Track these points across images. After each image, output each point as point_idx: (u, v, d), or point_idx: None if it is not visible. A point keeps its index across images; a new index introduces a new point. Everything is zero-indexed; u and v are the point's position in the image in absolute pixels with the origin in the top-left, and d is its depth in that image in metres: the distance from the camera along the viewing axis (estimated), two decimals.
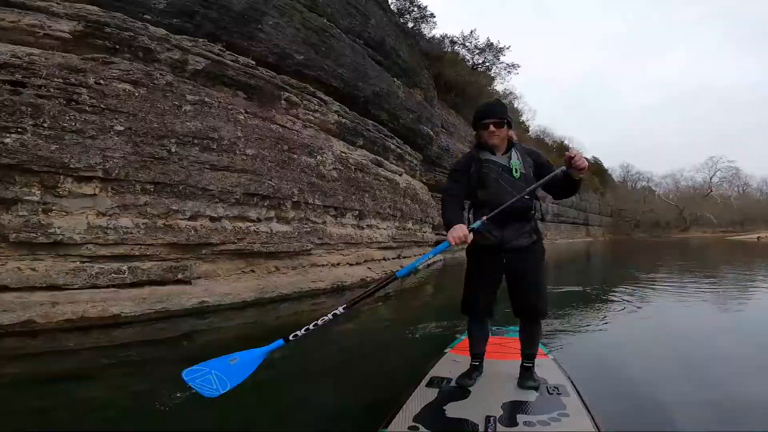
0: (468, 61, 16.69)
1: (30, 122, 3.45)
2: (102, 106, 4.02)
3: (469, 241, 1.86)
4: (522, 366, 2.19)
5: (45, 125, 3.53)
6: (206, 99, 5.27)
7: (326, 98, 7.75)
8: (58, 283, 3.47)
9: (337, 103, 8.02)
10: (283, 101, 6.85)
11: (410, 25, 13.71)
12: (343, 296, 6.05)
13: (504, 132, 2.05)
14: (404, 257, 9.36)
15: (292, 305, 5.29)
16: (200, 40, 5.76)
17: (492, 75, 18.92)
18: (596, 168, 46.77)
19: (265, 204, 5.47)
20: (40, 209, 3.44)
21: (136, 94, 4.48)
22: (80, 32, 4.57)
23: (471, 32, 20.16)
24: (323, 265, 6.20)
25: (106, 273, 3.76)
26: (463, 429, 1.72)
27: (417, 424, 1.75)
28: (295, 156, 6.11)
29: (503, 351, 2.53)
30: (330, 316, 1.73)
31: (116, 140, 3.95)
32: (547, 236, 30.65)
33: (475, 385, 2.11)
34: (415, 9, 13.82)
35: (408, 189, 10.81)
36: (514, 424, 1.74)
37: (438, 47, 14.04)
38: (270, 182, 5.49)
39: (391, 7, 13.03)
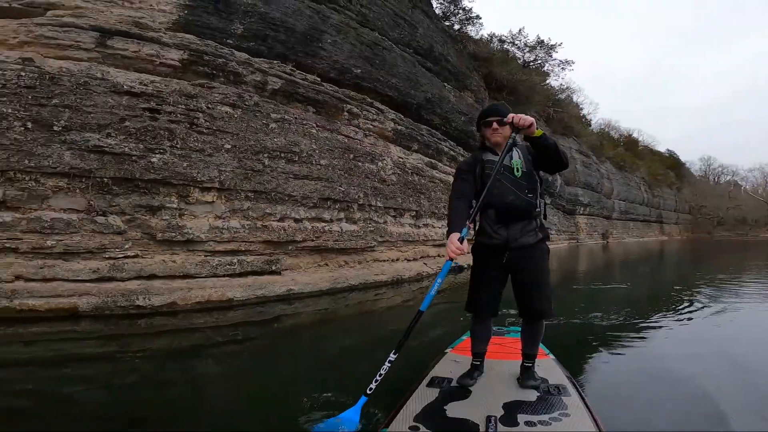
0: (519, 59, 16.85)
1: (167, 144, 4.61)
2: (214, 128, 5.15)
3: (466, 251, 1.97)
4: (523, 366, 2.22)
5: (177, 146, 4.69)
6: (286, 116, 6.31)
7: (383, 107, 8.58)
8: (190, 273, 4.59)
9: (393, 111, 8.82)
10: (345, 113, 7.77)
11: (456, 27, 14.25)
12: (401, 287, 6.83)
13: (507, 131, 2.10)
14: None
15: (358, 294, 6.13)
16: (275, 61, 6.78)
17: (546, 71, 18.80)
18: (671, 161, 43.52)
19: (337, 207, 6.41)
20: (177, 214, 4.58)
21: (235, 116, 5.59)
22: (186, 60, 5.63)
23: (519, 30, 20.29)
24: (384, 261, 7.03)
25: (223, 264, 4.85)
26: (463, 429, 1.73)
27: (417, 424, 1.76)
28: (359, 163, 7.01)
29: (504, 351, 2.57)
30: (387, 364, 1.90)
31: (226, 156, 5.05)
32: (613, 234, 29.31)
33: (476, 385, 2.13)
34: (460, 11, 14.34)
35: None
36: (515, 423, 1.76)
37: (486, 48, 14.44)
38: (340, 188, 6.42)
39: (436, 11, 13.68)
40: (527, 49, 17.30)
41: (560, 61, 19.65)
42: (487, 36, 17.11)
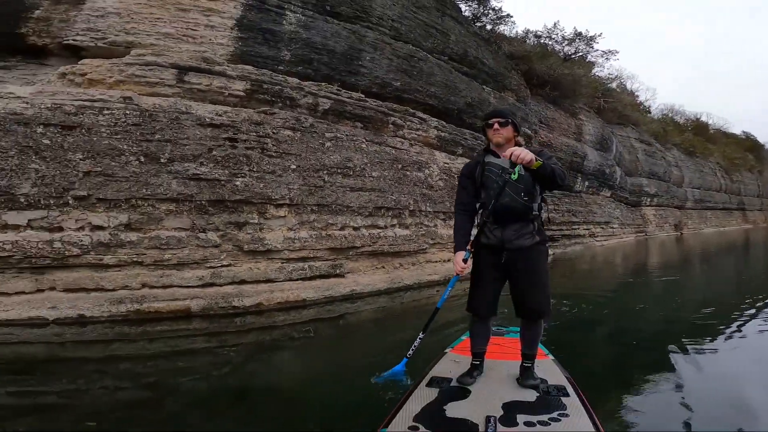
0: (558, 53, 16.88)
1: (246, 169, 5.60)
2: (280, 150, 6.11)
3: (468, 269, 2.28)
4: (522, 366, 2.30)
5: (254, 170, 5.67)
6: (338, 134, 7.19)
7: (425, 116, 9.25)
8: (271, 278, 5.50)
9: (435, 119, 9.46)
10: (390, 125, 8.54)
11: (488, 27, 14.67)
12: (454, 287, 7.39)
13: (508, 132, 2.26)
14: None
15: (413, 293, 6.79)
16: (322, 83, 7.65)
17: (591, 61, 18.57)
18: (749, 144, 40.13)
19: (390, 214, 7.15)
20: (258, 228, 5.54)
21: (296, 138, 6.54)
22: (249, 89, 6.60)
23: (555, 24, 20.13)
24: (436, 261, 7.65)
25: (296, 270, 5.74)
26: (463, 429, 1.78)
27: (417, 424, 1.81)
28: (407, 173, 7.73)
29: (503, 351, 2.66)
30: (418, 340, 2.46)
31: (293, 176, 5.99)
32: (688, 225, 27.60)
33: (476, 385, 2.20)
34: (490, 12, 14.75)
35: None
36: (514, 423, 1.81)
37: (521, 46, 14.71)
38: (392, 197, 7.17)
39: (467, 13, 14.18)
40: (565, 42, 17.28)
41: (603, 51, 19.28)
42: (521, 32, 17.37)
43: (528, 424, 1.81)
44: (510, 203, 2.21)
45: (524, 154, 2.05)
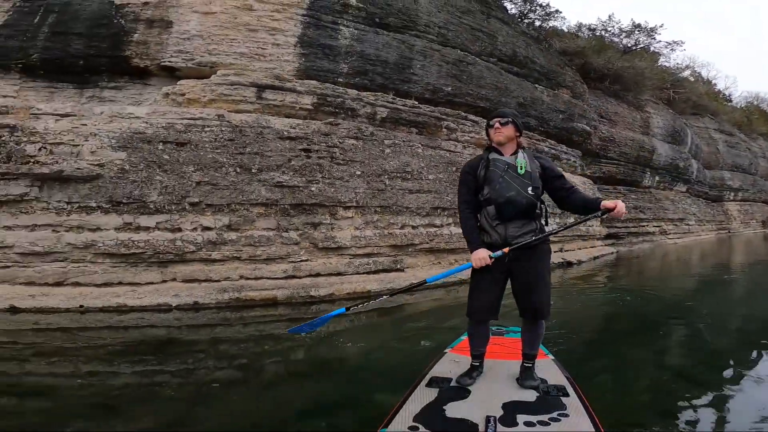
0: (617, 45, 16.67)
1: (319, 176, 6.65)
2: (346, 158, 7.11)
3: (490, 263, 2.25)
4: (522, 366, 2.38)
5: (326, 177, 6.71)
6: (395, 141, 8.08)
7: (476, 119, 9.90)
8: (341, 271, 6.49)
9: (486, 121, 10.04)
10: (444, 129, 9.29)
11: (537, 23, 14.92)
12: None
13: (510, 131, 2.36)
14: (566, 250, 10.74)
15: (466, 287, 7.49)
16: (378, 93, 8.56)
17: (656, 52, 18.10)
18: None
19: (445, 214, 7.93)
20: (330, 228, 6.56)
21: (359, 146, 7.50)
22: (316, 103, 7.71)
23: (609, 16, 19.64)
24: None
25: (363, 264, 6.70)
26: (463, 429, 1.85)
27: (417, 424, 1.88)
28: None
29: (503, 351, 2.74)
30: (375, 302, 2.63)
31: (358, 181, 6.96)
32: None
33: (475, 385, 2.28)
34: (538, 8, 14.98)
35: None
36: (514, 424, 1.88)
37: (574, 41, 14.79)
38: (447, 197, 7.94)
39: (513, 11, 14.52)
40: (623, 34, 17.03)
41: (667, 42, 18.71)
42: (574, 27, 17.39)
43: (528, 424, 1.88)
44: (515, 197, 2.27)
45: (623, 209, 2.21)
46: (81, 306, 5.03)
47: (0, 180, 5.04)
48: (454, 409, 2.05)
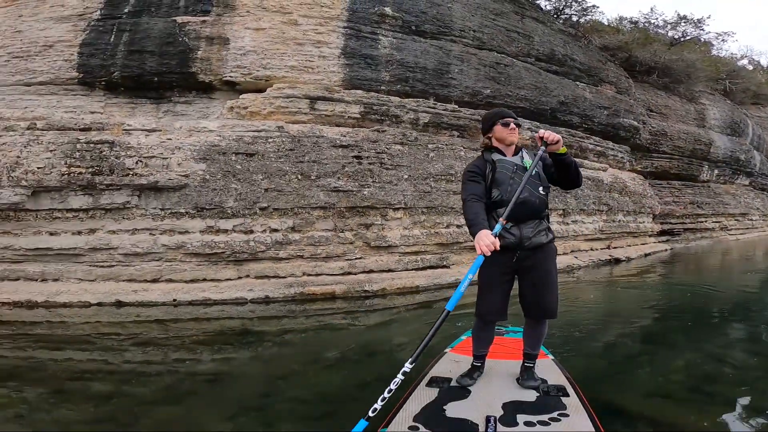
0: (662, 38, 16.59)
1: (370, 180, 7.49)
2: (394, 163, 7.92)
3: (497, 246, 2.12)
4: (523, 366, 2.46)
5: (376, 181, 7.55)
6: (438, 145, 8.81)
7: (517, 120, 10.36)
8: (392, 268, 7.31)
9: (528, 121, 10.62)
10: None
11: (575, 19, 15.13)
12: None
13: (519, 133, 2.48)
14: (614, 247, 11.06)
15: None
16: (420, 99, 9.29)
17: (707, 42, 17.82)
18: None
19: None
20: (381, 228, 7.40)
21: (405, 151, 8.29)
22: (363, 111, 8.64)
23: (651, 9, 19.35)
24: None
25: (411, 262, 7.49)
26: (463, 429, 1.91)
27: (417, 424, 1.94)
28: None
29: (503, 351, 2.84)
30: (400, 375, 2.02)
31: (406, 184, 7.74)
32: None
33: (476, 385, 2.35)
34: (574, 3, 15.21)
35: (615, 183, 12.41)
36: (515, 424, 1.94)
37: (614, 36, 14.91)
38: None
39: (548, 8, 14.84)
40: (668, 26, 16.93)
41: (717, 33, 18.39)
42: (614, 20, 17.46)
43: (528, 424, 1.95)
44: (528, 198, 2.34)
45: (555, 133, 2.31)
46: (174, 300, 6.11)
47: (106, 190, 6.23)
48: (454, 409, 2.12)
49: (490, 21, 10.60)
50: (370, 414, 1.97)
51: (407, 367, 2.06)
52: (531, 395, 2.29)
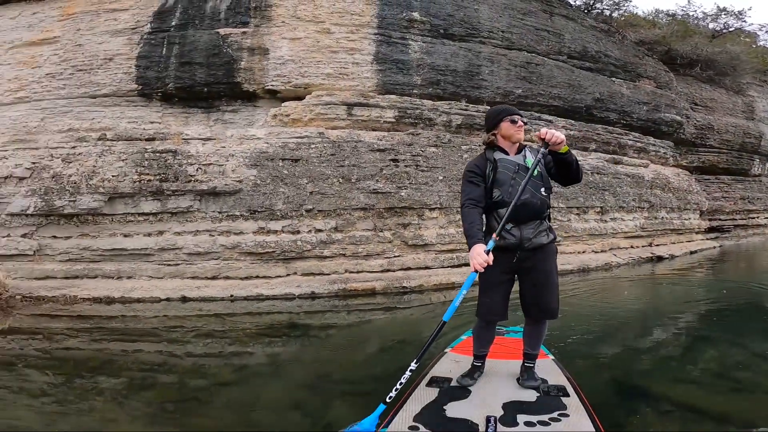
0: (703, 30, 16.23)
1: (407, 182, 8.05)
2: (429, 165, 8.45)
3: (490, 262, 2.24)
4: (523, 366, 2.51)
5: (413, 183, 8.12)
6: (471, 146, 9.27)
7: (550, 117, 10.76)
8: (429, 265, 7.87)
9: (562, 119, 10.86)
10: None
11: (607, 13, 15.05)
12: (588, 275, 8.76)
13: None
14: (657, 245, 11.10)
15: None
16: (451, 101, 9.72)
17: (751, 33, 17.29)
18: None
19: None
20: (418, 227, 7.98)
21: (439, 153, 8.79)
22: (397, 116, 9.35)
23: (688, 1, 18.92)
24: (570, 253, 9.21)
25: (447, 259, 8.02)
26: (463, 429, 1.96)
27: (417, 424, 1.99)
28: None
29: (504, 351, 2.89)
30: (408, 372, 2.25)
31: (441, 185, 8.25)
32: None
33: (476, 385, 2.41)
34: None
35: (656, 180, 12.50)
36: (515, 423, 1.99)
37: (651, 29, 14.74)
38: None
39: (578, 2, 14.87)
40: (708, 19, 16.60)
41: (760, 25, 17.84)
42: (650, 13, 17.27)
43: (528, 424, 1.99)
44: (530, 199, 2.39)
45: (558, 133, 2.30)
46: (231, 296, 6.96)
47: (172, 195, 7.17)
48: (454, 409, 2.17)
49: (518, 21, 10.95)
50: (387, 399, 2.27)
51: (413, 366, 2.32)
52: (531, 395, 2.36)
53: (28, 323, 5.83)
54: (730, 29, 17.12)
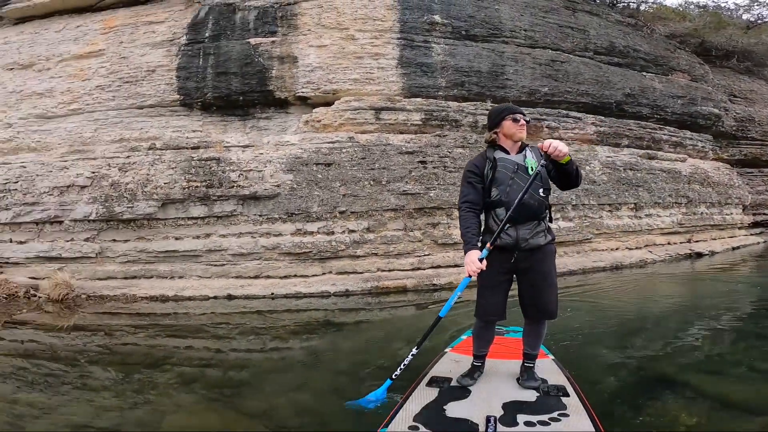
0: (738, 21, 15.76)
1: (435, 183, 8.45)
2: (456, 166, 8.84)
3: (483, 268, 2.36)
4: (523, 366, 2.54)
5: (441, 184, 8.56)
6: None
7: (579, 115, 10.90)
8: (458, 263, 8.44)
9: (591, 116, 10.95)
10: (545, 129, 10.47)
11: (633, 6, 14.89)
12: (621, 272, 8.90)
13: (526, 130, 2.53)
14: (696, 241, 10.97)
15: (576, 277, 8.73)
16: (477, 102, 9.98)
17: None
18: None
19: (552, 209, 8.97)
20: (446, 227, 8.38)
21: (466, 154, 9.17)
22: (424, 118, 9.86)
23: None
24: (603, 250, 9.36)
25: None
26: (463, 429, 1.98)
27: (417, 424, 2.01)
28: None
29: (504, 351, 2.93)
30: (410, 356, 2.51)
31: None
32: None
33: (476, 385, 2.44)
34: None
35: (695, 174, 12.42)
36: (515, 423, 2.01)
37: (681, 22, 14.42)
38: (553, 194, 8.87)
39: None
40: (740, 10, 16.15)
41: None
42: (681, 5, 16.86)
43: (528, 424, 2.02)
44: (527, 199, 2.42)
45: (562, 146, 2.33)
46: (272, 293, 7.60)
47: (217, 200, 7.87)
48: (454, 409, 2.21)
49: (540, 19, 11.14)
50: (393, 376, 2.60)
51: (414, 351, 2.64)
52: (531, 395, 2.40)
53: (91, 320, 6.48)
54: (765, 20, 16.66)
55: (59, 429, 3.16)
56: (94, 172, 8.09)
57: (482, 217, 2.65)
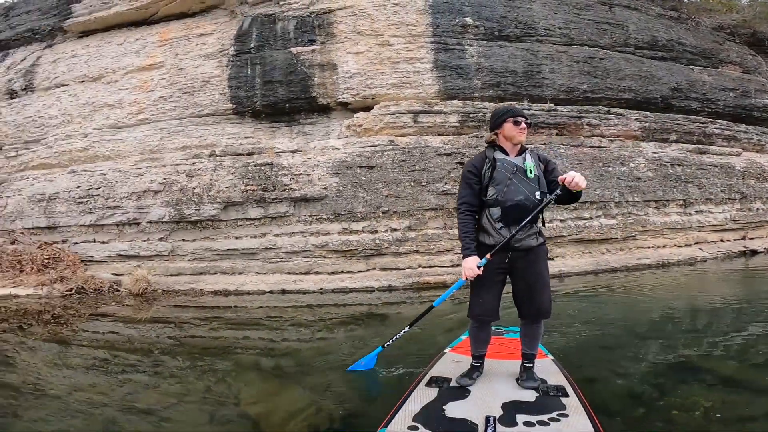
0: None
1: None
2: None
3: (481, 274, 2.48)
4: (523, 366, 2.59)
5: None
6: (536, 144, 10.10)
7: (622, 111, 11.06)
8: None
9: (635, 112, 11.06)
10: (585, 126, 10.61)
11: None
12: (669, 270, 8.97)
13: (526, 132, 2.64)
14: (751, 238, 10.75)
15: (620, 275, 9.07)
16: (514, 102, 10.46)
17: None
18: None
19: (594, 207, 9.37)
20: None
21: None
22: (460, 120, 10.53)
23: None
24: (648, 247, 9.50)
25: None
26: (462, 429, 2.01)
27: (417, 424, 2.05)
28: (609, 169, 9.80)
29: (503, 351, 2.98)
30: (401, 333, 2.93)
31: None
32: None
33: (475, 385, 2.48)
34: None
35: (750, 169, 12.36)
36: (514, 424, 2.04)
37: (728, 14, 13.93)
38: (594, 192, 9.38)
39: None
40: None
41: None
42: None
43: (527, 424, 2.05)
44: (523, 201, 2.49)
45: (582, 182, 2.36)
46: (321, 288, 8.54)
47: (272, 203, 8.83)
48: (453, 409, 2.24)
49: (575, 16, 11.34)
50: (385, 345, 3.04)
51: (406, 328, 3.07)
52: (530, 395, 2.45)
53: (164, 313, 7.39)
54: None
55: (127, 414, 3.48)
56: (165, 178, 9.37)
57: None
